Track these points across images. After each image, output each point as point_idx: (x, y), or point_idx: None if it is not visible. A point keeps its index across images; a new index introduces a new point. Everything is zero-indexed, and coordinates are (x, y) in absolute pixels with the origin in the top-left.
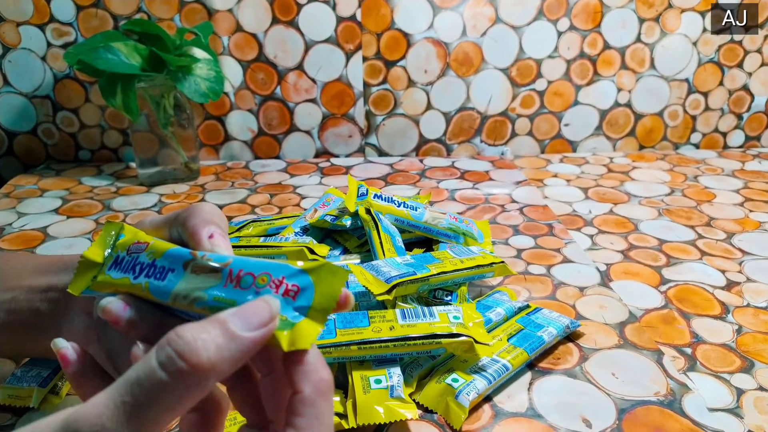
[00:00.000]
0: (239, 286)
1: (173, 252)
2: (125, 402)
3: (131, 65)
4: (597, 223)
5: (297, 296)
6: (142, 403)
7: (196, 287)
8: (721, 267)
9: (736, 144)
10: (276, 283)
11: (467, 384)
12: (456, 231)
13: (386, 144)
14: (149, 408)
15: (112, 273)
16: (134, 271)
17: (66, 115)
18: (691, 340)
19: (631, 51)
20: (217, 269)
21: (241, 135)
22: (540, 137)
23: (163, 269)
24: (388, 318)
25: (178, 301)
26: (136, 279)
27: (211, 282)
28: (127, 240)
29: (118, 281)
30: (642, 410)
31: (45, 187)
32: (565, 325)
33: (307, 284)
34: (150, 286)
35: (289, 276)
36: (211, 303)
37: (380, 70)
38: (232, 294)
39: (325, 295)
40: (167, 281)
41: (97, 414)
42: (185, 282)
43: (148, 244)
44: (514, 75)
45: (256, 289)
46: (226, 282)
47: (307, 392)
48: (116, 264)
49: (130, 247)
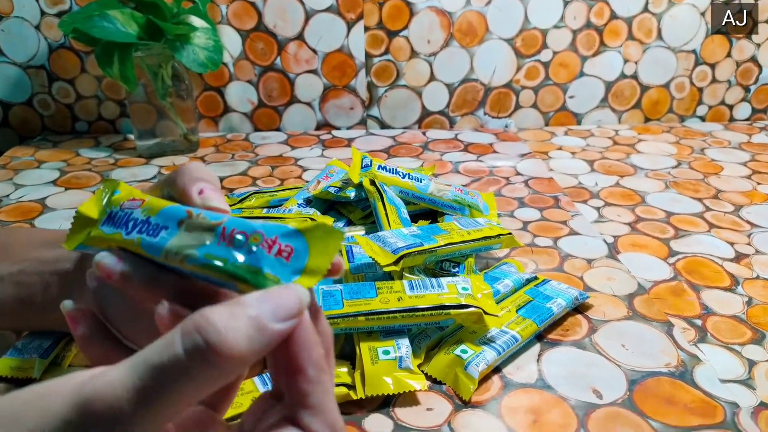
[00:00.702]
0: (231, 245)
1: (169, 209)
2: (145, 386)
3: (128, 33)
4: (603, 195)
5: (290, 257)
6: (162, 389)
7: (188, 244)
8: (730, 239)
9: (743, 117)
10: (269, 242)
11: (476, 355)
12: (461, 203)
13: (388, 116)
14: (170, 394)
15: (104, 228)
16: (127, 227)
17: (62, 86)
18: (701, 311)
19: (639, 21)
20: (211, 227)
21: (240, 107)
22: (544, 109)
23: (156, 226)
24: (395, 289)
25: (170, 257)
26: (128, 234)
27: (203, 239)
28: (122, 196)
29: (111, 236)
30: (653, 381)
31: (42, 159)
32: (573, 297)
33: (301, 245)
34: (142, 241)
35: (283, 236)
36: (202, 260)
37: (382, 40)
38: (223, 252)
39: (320, 256)
40: (159, 238)
41: (115, 397)
42: (177, 239)
43: (144, 201)
44: (519, 45)
45: (248, 248)
46: (219, 240)
47: (312, 373)
48: (109, 219)
49: (124, 203)
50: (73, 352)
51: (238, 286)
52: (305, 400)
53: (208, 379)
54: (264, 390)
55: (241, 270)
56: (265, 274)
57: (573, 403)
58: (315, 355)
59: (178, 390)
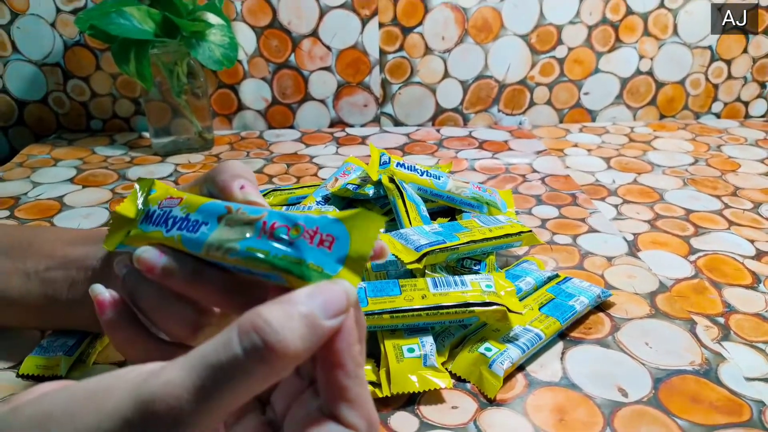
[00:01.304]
0: (272, 238)
1: (208, 206)
2: (205, 386)
3: (144, 30)
4: (621, 192)
5: (332, 246)
6: (222, 389)
7: (229, 238)
8: (750, 237)
9: (758, 114)
10: (310, 233)
11: (501, 353)
12: (479, 200)
13: (402, 113)
14: (228, 393)
15: (144, 227)
16: (167, 225)
17: (77, 84)
18: (723, 309)
19: (654, 17)
20: (251, 221)
21: (254, 104)
22: (559, 106)
23: (196, 222)
24: (419, 287)
25: (211, 252)
26: (168, 232)
27: (244, 233)
28: (159, 195)
29: (151, 234)
30: (678, 380)
31: (58, 157)
32: (596, 295)
33: (341, 233)
34: (182, 238)
35: (324, 226)
36: (244, 253)
37: (397, 36)
38: (265, 245)
39: (361, 242)
40: (200, 233)
41: (175, 396)
42: (218, 234)
43: (182, 199)
44: (534, 42)
45: (290, 240)
46: (260, 233)
47: (351, 367)
48: (148, 218)
49: (162, 201)
50: (98, 350)
51: (283, 277)
52: (344, 394)
53: (262, 378)
54: None
55: (284, 261)
56: (309, 265)
57: (598, 401)
58: (354, 350)
59: (235, 389)
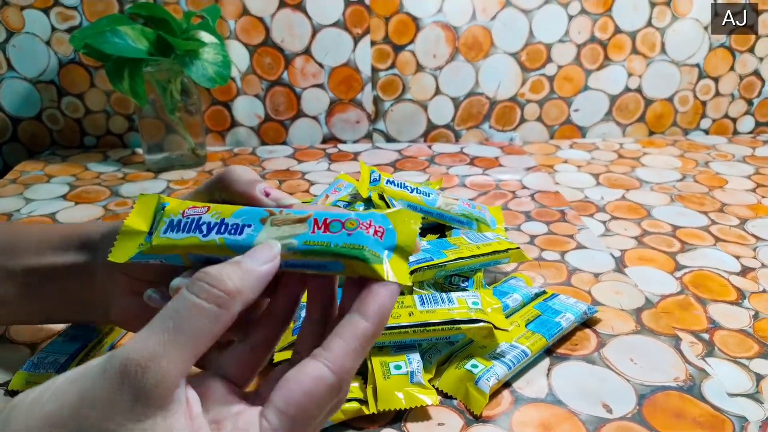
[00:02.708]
0: (329, 231)
1: (246, 210)
2: (167, 328)
3: (138, 49)
4: (609, 209)
5: (383, 236)
6: (182, 328)
7: (281, 236)
8: (736, 253)
9: (746, 130)
10: (365, 225)
11: (487, 370)
12: (469, 217)
13: (394, 130)
14: (189, 330)
15: (171, 235)
16: (201, 230)
17: (71, 101)
18: (708, 325)
19: (642, 35)
20: (301, 220)
21: (247, 121)
22: (549, 123)
23: (237, 226)
24: (406, 304)
25: None
26: (206, 237)
27: (295, 231)
28: (174, 207)
29: (182, 241)
30: (662, 396)
31: (51, 173)
32: (582, 311)
33: (389, 226)
34: (226, 241)
35: (375, 219)
36: (302, 247)
37: (388, 54)
38: (323, 237)
39: (406, 235)
40: (246, 235)
41: (145, 344)
42: (266, 234)
43: (209, 207)
44: (524, 59)
45: (347, 232)
46: (313, 228)
47: (371, 321)
48: (172, 227)
49: (185, 211)
50: None
51: (343, 263)
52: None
53: (216, 313)
54: None
55: (347, 249)
56: (369, 250)
57: (583, 417)
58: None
59: (194, 325)
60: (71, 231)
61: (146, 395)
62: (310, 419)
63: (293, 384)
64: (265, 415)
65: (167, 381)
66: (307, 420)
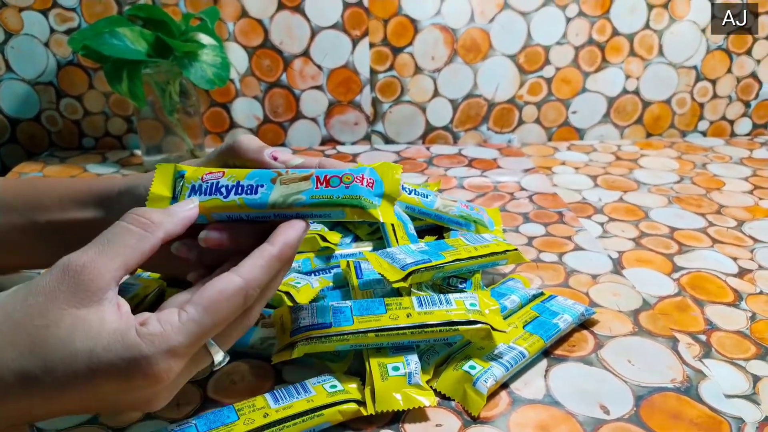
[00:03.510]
0: (330, 186)
1: (257, 172)
2: (103, 242)
3: (137, 51)
4: (607, 210)
5: (373, 186)
6: (114, 243)
7: (291, 193)
8: (733, 254)
9: (743, 132)
10: (359, 178)
11: (485, 371)
12: (467, 218)
13: (393, 131)
14: (119, 245)
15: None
16: (221, 192)
17: (70, 102)
18: (705, 327)
19: (640, 37)
20: (305, 177)
21: (246, 122)
22: (547, 125)
23: (251, 187)
24: (404, 305)
25: (277, 206)
26: (226, 198)
27: (302, 187)
28: (193, 174)
29: (207, 203)
30: (659, 397)
31: (50, 175)
32: (580, 313)
33: (377, 178)
34: (245, 200)
35: (366, 173)
36: (309, 201)
37: (387, 56)
38: (326, 191)
39: (391, 184)
40: (261, 194)
41: (84, 252)
42: (278, 192)
43: (224, 172)
44: (522, 62)
45: (345, 185)
46: (317, 185)
47: (276, 246)
48: (194, 191)
49: (204, 176)
50: None
51: (344, 210)
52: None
53: (141, 235)
54: (275, 406)
55: (347, 199)
56: (363, 198)
57: (581, 419)
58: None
59: (124, 241)
60: (90, 187)
61: (84, 289)
62: (220, 314)
63: (208, 285)
64: (184, 308)
65: (100, 280)
66: (217, 314)
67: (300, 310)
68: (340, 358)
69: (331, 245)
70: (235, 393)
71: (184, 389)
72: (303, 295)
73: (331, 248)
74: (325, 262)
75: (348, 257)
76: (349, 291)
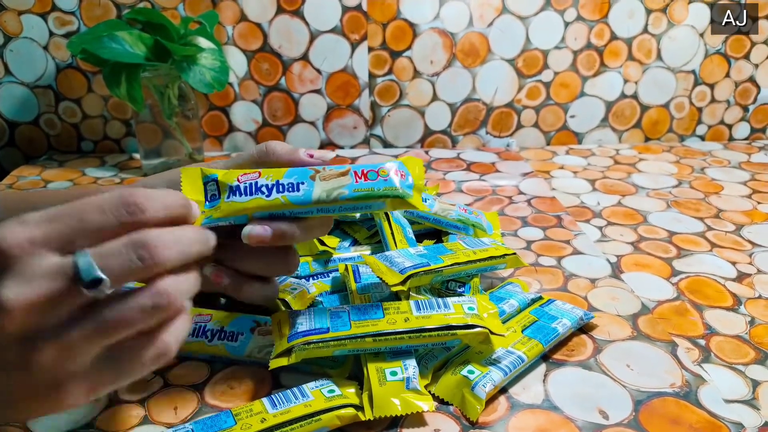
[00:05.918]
0: (368, 179)
1: (294, 171)
2: None
3: (136, 54)
4: (606, 214)
5: (405, 178)
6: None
7: (333, 188)
8: (732, 259)
9: (742, 136)
10: (394, 172)
11: (483, 375)
12: (465, 222)
13: (391, 135)
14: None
15: (235, 199)
16: (262, 192)
17: (68, 106)
18: (704, 331)
19: (638, 42)
20: (344, 173)
21: (245, 126)
22: (546, 129)
23: (292, 185)
24: (402, 309)
25: (321, 201)
26: (269, 196)
27: (342, 182)
28: (227, 177)
29: (249, 203)
30: (658, 402)
31: (48, 178)
32: (578, 317)
33: (406, 170)
34: (289, 198)
35: (398, 166)
36: (352, 195)
37: (386, 60)
38: (365, 185)
39: (417, 176)
40: (303, 192)
41: None
42: (320, 188)
43: (259, 172)
44: (521, 66)
45: (383, 178)
46: (356, 179)
47: None
48: (234, 192)
49: (240, 177)
50: None
51: (384, 201)
52: None
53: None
54: (273, 411)
55: (387, 190)
56: (402, 189)
57: (580, 423)
58: None
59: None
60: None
61: None
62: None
63: None
64: None
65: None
66: (77, 211)
67: (297, 315)
68: (339, 366)
69: (330, 249)
70: (232, 398)
71: (181, 394)
72: (299, 302)
73: (329, 252)
74: (324, 265)
75: (346, 261)
76: (347, 295)
